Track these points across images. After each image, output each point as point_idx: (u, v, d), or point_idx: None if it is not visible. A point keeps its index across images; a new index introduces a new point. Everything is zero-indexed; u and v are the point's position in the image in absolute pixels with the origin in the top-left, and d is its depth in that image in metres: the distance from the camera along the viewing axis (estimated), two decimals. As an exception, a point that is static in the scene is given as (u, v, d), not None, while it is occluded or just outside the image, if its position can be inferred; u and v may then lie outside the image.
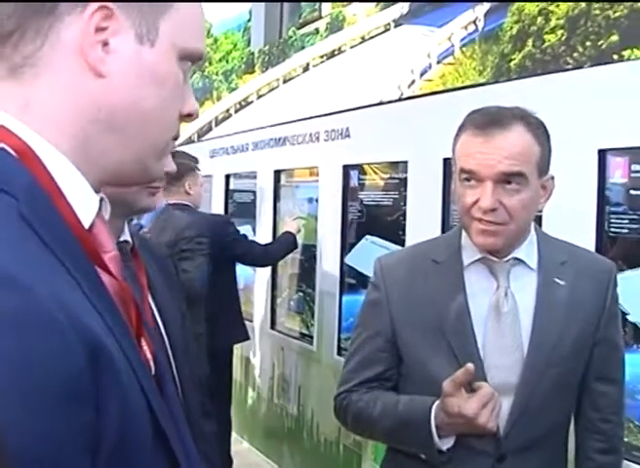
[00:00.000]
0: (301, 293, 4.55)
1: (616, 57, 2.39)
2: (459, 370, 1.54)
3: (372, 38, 3.96)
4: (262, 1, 5.57)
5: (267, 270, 4.90)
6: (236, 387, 4.93)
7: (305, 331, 4.49)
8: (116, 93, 0.76)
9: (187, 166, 4.02)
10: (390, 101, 3.65)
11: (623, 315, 2.05)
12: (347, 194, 3.98)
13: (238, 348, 4.79)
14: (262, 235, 4.91)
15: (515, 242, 1.65)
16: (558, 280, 1.67)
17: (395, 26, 3.74)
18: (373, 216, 3.77)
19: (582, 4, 2.52)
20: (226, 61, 6.14)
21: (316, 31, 4.65)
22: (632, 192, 2.33)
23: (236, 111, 5.71)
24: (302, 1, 5.00)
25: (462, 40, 3.19)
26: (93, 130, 0.76)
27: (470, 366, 1.52)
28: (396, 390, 1.75)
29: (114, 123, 0.77)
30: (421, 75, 3.44)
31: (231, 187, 5.65)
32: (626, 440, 2.13)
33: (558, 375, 1.64)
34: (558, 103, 2.50)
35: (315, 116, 4.35)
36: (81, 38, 0.73)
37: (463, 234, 1.69)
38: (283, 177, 4.85)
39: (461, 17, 3.19)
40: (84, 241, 0.71)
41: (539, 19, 2.71)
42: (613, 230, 2.38)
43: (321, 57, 4.50)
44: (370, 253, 3.44)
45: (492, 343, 1.63)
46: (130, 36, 0.76)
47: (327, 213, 4.18)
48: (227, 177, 5.66)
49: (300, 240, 4.40)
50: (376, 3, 3.94)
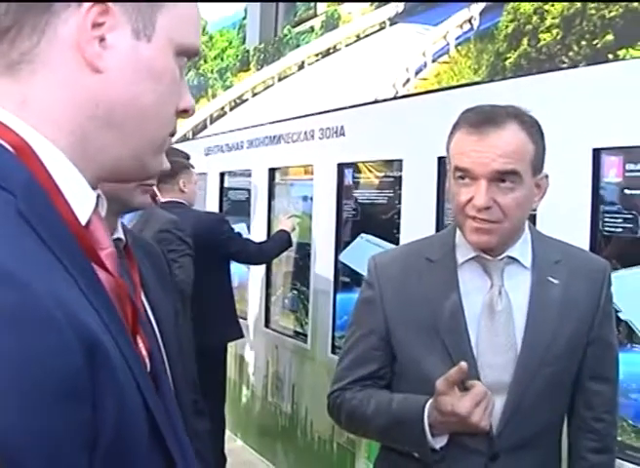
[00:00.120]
0: (296, 292, 4.55)
1: (611, 56, 2.39)
2: (452, 369, 1.53)
3: (367, 36, 3.96)
4: (258, 1, 5.56)
5: (262, 268, 4.89)
6: (230, 385, 4.92)
7: (300, 329, 4.49)
8: (113, 88, 0.76)
9: (182, 163, 4.02)
10: (385, 100, 3.65)
11: (617, 314, 2.06)
12: (342, 192, 3.97)
13: (232, 346, 4.78)
14: (257, 233, 4.90)
15: (509, 240, 1.65)
16: (552, 279, 1.67)
17: (390, 25, 3.73)
18: (367, 215, 3.77)
19: (578, 3, 2.53)
20: (221, 59, 6.13)
21: (311, 29, 4.64)
22: (626, 191, 2.33)
23: (231, 109, 5.70)
24: (298, 0, 4.99)
25: (458, 39, 3.19)
26: (91, 126, 0.76)
27: (463, 364, 1.52)
28: (390, 388, 1.75)
29: (112, 119, 0.77)
30: (417, 74, 3.44)
31: (226, 185, 5.64)
32: (620, 439, 2.14)
33: (551, 374, 1.64)
34: (553, 102, 2.51)
35: (310, 114, 4.34)
36: (78, 34, 0.73)
37: (458, 233, 1.69)
38: (278, 175, 4.84)
39: (457, 15, 3.19)
40: (81, 238, 0.71)
41: (534, 17, 2.72)
42: (607, 229, 2.38)
43: (316, 55, 4.50)
44: (364, 252, 3.43)
45: (485, 342, 1.63)
46: (126, 31, 0.76)
47: (321, 211, 4.18)
48: (222, 175, 5.65)
49: (295, 238, 4.40)
50: (370, 2, 3.94)
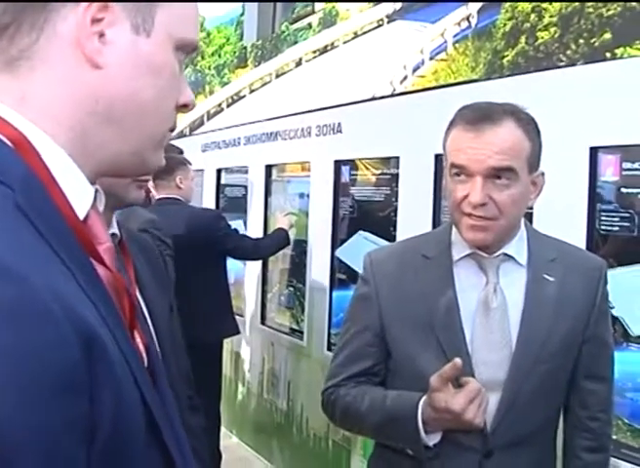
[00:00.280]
0: (292, 289, 4.55)
1: (608, 55, 2.39)
2: (446, 365, 1.53)
3: (364, 33, 3.96)
4: (256, 0, 5.55)
5: (258, 265, 4.89)
6: (226, 382, 4.92)
7: (295, 326, 4.49)
8: (113, 84, 0.76)
9: (178, 160, 4.01)
10: (383, 97, 3.65)
11: (612, 312, 2.06)
12: (339, 189, 3.97)
13: (228, 343, 4.78)
14: (253, 230, 4.90)
15: (505, 237, 1.65)
16: (547, 276, 1.67)
17: (388, 22, 3.73)
18: (364, 212, 3.77)
19: (576, 2, 2.53)
20: (219, 56, 6.12)
21: (309, 26, 4.64)
22: (623, 190, 2.34)
23: (228, 105, 5.70)
24: (296, 0, 4.99)
25: (455, 36, 3.19)
26: (90, 122, 0.76)
27: (458, 361, 1.51)
28: (384, 385, 1.75)
29: (112, 114, 0.77)
30: (414, 71, 3.44)
31: (223, 182, 5.63)
32: (615, 438, 2.14)
33: (546, 372, 1.64)
34: (551, 101, 2.51)
35: (307, 111, 4.34)
36: (77, 30, 0.73)
37: (454, 230, 1.69)
38: (274, 172, 4.84)
39: (455, 13, 3.19)
40: (79, 232, 0.71)
41: (532, 16, 2.72)
42: (603, 228, 2.38)
43: (314, 52, 4.49)
44: (361, 249, 3.43)
45: (480, 339, 1.63)
46: (126, 27, 0.76)
47: (318, 208, 4.18)
48: (219, 172, 5.65)
49: (292, 235, 4.40)
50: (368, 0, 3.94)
